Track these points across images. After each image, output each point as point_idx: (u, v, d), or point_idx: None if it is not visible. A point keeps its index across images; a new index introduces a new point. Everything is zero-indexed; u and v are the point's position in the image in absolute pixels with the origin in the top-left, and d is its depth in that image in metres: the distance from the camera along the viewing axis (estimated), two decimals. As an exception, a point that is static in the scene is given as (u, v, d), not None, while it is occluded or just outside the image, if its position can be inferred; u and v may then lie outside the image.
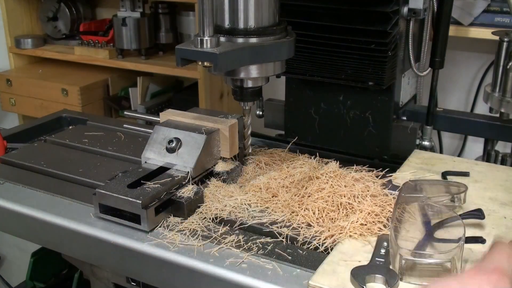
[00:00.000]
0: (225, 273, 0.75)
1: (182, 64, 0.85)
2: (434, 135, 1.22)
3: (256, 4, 0.87)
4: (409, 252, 0.68)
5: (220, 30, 0.88)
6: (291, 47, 0.92)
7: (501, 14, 1.32)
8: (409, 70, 1.15)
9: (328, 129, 1.14)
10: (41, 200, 0.95)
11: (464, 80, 1.51)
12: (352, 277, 0.68)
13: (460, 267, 0.67)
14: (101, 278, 1.04)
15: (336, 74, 1.06)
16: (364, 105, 1.09)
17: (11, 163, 1.09)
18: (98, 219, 0.88)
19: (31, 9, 2.11)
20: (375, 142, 1.10)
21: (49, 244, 0.96)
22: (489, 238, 0.73)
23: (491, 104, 1.14)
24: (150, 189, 0.85)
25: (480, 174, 0.95)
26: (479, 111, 1.45)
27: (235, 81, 0.93)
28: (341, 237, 0.78)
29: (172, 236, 0.82)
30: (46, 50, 2.06)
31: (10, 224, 0.96)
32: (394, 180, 0.92)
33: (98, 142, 1.17)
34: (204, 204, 0.89)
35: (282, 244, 0.80)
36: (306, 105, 1.15)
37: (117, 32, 1.85)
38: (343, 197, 0.84)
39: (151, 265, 0.81)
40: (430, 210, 0.79)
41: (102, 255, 0.87)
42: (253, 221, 0.84)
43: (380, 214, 0.81)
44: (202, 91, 1.74)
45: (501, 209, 0.85)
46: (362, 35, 1.01)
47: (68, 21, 2.04)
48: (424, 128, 1.14)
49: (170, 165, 0.93)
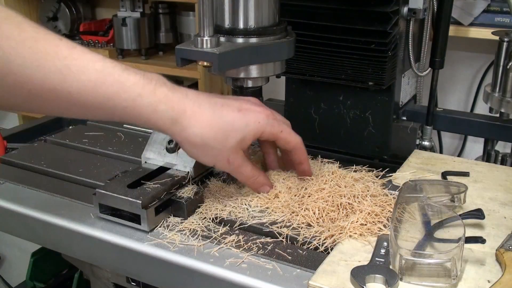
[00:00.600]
0: (225, 273, 0.75)
1: (182, 64, 0.85)
2: (434, 135, 1.22)
3: (256, 4, 0.87)
4: (409, 252, 0.68)
5: (220, 30, 0.88)
6: (291, 47, 0.92)
7: (501, 14, 1.32)
8: (409, 70, 1.15)
9: (328, 129, 1.14)
10: (41, 200, 0.95)
11: (464, 80, 1.51)
12: (352, 277, 0.68)
13: (460, 267, 0.68)
14: (101, 278, 1.04)
15: (336, 74, 1.06)
16: (364, 105, 1.09)
17: (11, 163, 1.09)
18: (98, 219, 0.88)
19: (31, 9, 2.11)
20: (375, 142, 1.10)
21: (49, 244, 0.96)
22: (489, 238, 0.73)
23: (491, 104, 1.14)
24: (150, 189, 0.85)
25: (480, 174, 0.95)
26: (479, 111, 1.45)
27: (235, 81, 0.93)
28: (341, 237, 0.78)
29: (172, 236, 0.82)
30: (46, 50, 2.06)
31: (10, 224, 0.96)
32: (394, 180, 0.92)
33: (98, 142, 1.17)
34: (204, 204, 0.89)
35: (282, 244, 0.80)
36: (306, 105, 1.15)
37: (117, 32, 1.85)
38: (343, 197, 0.84)
39: (151, 265, 0.81)
40: (430, 210, 0.79)
41: (102, 255, 0.87)
42: (253, 221, 0.84)
43: (380, 214, 0.81)
44: (202, 91, 1.74)
45: (501, 209, 0.85)
46: (362, 35, 1.01)
47: (68, 21, 2.04)
48: (424, 128, 1.14)
49: (170, 165, 0.93)
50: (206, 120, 0.77)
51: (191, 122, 0.76)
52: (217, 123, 0.77)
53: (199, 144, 0.78)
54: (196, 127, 0.76)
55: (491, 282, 0.67)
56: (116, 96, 0.71)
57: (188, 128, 0.76)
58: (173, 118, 0.75)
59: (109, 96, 0.71)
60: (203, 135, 0.77)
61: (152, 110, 0.73)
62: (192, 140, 0.77)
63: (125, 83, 0.72)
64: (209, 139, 0.77)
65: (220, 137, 0.78)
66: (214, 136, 0.77)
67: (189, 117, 0.76)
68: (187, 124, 0.76)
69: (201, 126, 0.76)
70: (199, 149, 0.79)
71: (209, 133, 0.77)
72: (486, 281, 0.68)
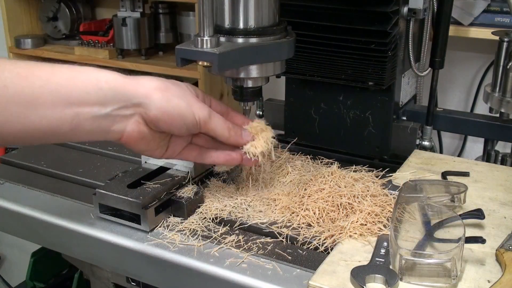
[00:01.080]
0: (225, 273, 0.75)
1: (182, 64, 0.85)
2: (434, 135, 1.22)
3: (256, 4, 0.87)
4: (409, 252, 0.68)
5: (220, 30, 0.88)
6: (291, 47, 0.92)
7: (501, 14, 1.32)
8: (409, 70, 1.15)
9: (328, 129, 1.14)
10: (41, 200, 0.95)
11: (464, 80, 1.51)
12: (352, 277, 0.68)
13: (460, 267, 0.68)
14: (101, 278, 1.04)
15: (336, 74, 1.06)
16: (364, 105, 1.09)
17: (11, 163, 1.09)
18: (98, 219, 0.88)
19: (31, 9, 2.11)
20: (375, 142, 1.10)
21: (49, 244, 0.96)
22: (489, 238, 0.73)
23: (491, 104, 1.14)
24: (150, 189, 0.85)
25: (480, 174, 0.95)
26: (479, 111, 1.45)
27: (235, 81, 0.93)
28: (341, 237, 0.78)
29: (172, 236, 0.82)
30: (46, 50, 2.06)
31: (10, 224, 0.96)
32: (394, 180, 0.92)
33: (98, 142, 1.17)
34: (204, 204, 0.89)
35: (282, 244, 0.80)
36: (306, 105, 1.15)
37: (117, 32, 1.85)
38: (343, 197, 0.84)
39: (151, 265, 0.81)
40: (430, 210, 0.79)
41: (102, 255, 0.87)
42: (253, 221, 0.84)
43: (380, 214, 0.81)
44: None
45: (501, 209, 0.85)
46: (362, 35, 1.01)
47: (68, 21, 2.04)
48: (424, 128, 1.14)
49: (170, 165, 0.93)
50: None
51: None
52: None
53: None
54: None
55: (491, 282, 0.67)
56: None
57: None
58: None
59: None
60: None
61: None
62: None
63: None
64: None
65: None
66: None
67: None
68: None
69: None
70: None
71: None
72: (486, 281, 0.68)
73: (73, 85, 0.69)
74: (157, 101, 0.74)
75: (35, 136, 0.68)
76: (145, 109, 0.74)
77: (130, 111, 0.73)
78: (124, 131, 0.74)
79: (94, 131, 0.72)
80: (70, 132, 0.70)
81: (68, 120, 0.69)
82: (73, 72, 0.71)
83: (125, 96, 0.72)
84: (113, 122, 0.72)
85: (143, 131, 0.75)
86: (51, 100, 0.67)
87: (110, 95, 0.71)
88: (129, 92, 0.73)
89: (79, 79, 0.70)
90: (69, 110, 0.68)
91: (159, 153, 0.80)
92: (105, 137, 0.74)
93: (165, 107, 0.75)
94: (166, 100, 0.75)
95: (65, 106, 0.68)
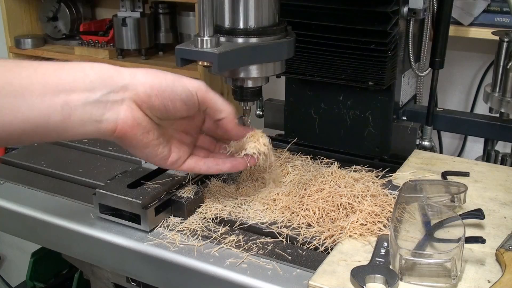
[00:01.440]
0: (225, 273, 0.75)
1: (182, 64, 0.85)
2: (434, 135, 1.22)
3: (256, 4, 0.87)
4: (409, 252, 0.68)
5: (220, 30, 0.88)
6: (291, 47, 0.92)
7: (501, 14, 1.32)
8: (409, 70, 1.15)
9: (328, 129, 1.14)
10: (41, 200, 0.95)
11: (464, 80, 1.51)
12: (352, 277, 0.68)
13: (460, 267, 0.68)
14: (101, 278, 1.04)
15: (336, 74, 1.06)
16: (364, 105, 1.09)
17: (11, 163, 1.09)
18: (98, 219, 0.88)
19: (31, 9, 2.11)
20: (375, 142, 1.10)
21: (49, 244, 0.96)
22: (489, 238, 0.73)
23: (491, 104, 1.14)
24: (150, 189, 0.85)
25: (480, 174, 0.95)
26: (479, 111, 1.45)
27: (235, 81, 0.93)
28: (341, 237, 0.78)
29: (172, 236, 0.82)
30: (46, 50, 2.06)
31: (10, 224, 0.96)
32: (394, 180, 0.92)
33: (98, 142, 1.17)
34: (204, 204, 0.89)
35: (282, 244, 0.80)
36: (306, 105, 1.15)
37: (117, 32, 1.85)
38: (343, 197, 0.84)
39: (151, 265, 0.81)
40: (430, 210, 0.79)
41: (102, 255, 0.87)
42: (253, 221, 0.84)
43: (380, 214, 0.81)
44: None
45: (501, 209, 0.85)
46: (362, 35, 1.01)
47: (68, 21, 2.04)
48: (424, 128, 1.14)
49: (170, 165, 0.93)
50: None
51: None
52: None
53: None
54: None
55: (491, 282, 0.67)
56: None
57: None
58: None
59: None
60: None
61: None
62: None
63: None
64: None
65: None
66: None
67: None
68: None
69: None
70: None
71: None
72: (486, 281, 0.68)
73: (59, 74, 0.69)
74: (142, 77, 0.74)
75: (26, 129, 0.68)
76: (134, 90, 0.73)
77: (120, 95, 0.72)
78: (118, 119, 0.72)
79: (86, 121, 0.70)
80: (62, 123, 0.69)
81: (58, 109, 0.68)
82: (59, 64, 0.71)
83: (111, 79, 0.72)
84: (104, 109, 0.71)
85: (138, 117, 0.74)
86: (39, 89, 0.67)
87: (97, 81, 0.71)
88: (115, 75, 0.73)
89: (65, 68, 0.71)
90: (58, 98, 0.68)
91: (161, 153, 0.79)
92: (98, 129, 0.72)
93: (151, 80, 0.74)
94: (151, 75, 0.75)
95: (54, 95, 0.68)
